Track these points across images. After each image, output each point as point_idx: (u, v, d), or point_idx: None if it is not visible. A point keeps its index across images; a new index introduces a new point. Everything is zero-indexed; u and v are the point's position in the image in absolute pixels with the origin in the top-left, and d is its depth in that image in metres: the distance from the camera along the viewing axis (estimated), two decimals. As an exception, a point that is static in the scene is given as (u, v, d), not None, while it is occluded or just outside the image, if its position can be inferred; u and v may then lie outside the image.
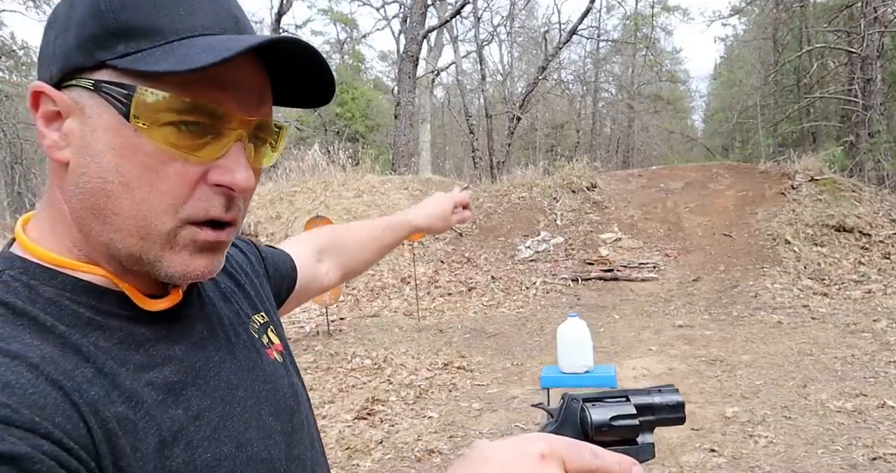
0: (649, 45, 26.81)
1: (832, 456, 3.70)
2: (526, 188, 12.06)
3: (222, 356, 0.64)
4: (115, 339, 0.55)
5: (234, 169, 0.55)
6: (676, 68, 32.14)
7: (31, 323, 0.51)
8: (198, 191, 0.54)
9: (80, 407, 0.48)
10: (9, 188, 22.42)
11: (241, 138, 0.55)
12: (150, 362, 0.56)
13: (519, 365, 6.03)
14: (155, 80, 0.51)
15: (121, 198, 0.53)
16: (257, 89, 0.57)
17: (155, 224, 0.54)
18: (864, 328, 6.55)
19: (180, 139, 0.52)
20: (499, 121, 23.59)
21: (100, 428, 0.48)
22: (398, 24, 25.19)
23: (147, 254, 0.55)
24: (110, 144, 0.52)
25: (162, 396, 0.55)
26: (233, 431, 0.59)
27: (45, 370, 0.48)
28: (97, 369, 0.51)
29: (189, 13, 0.53)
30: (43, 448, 0.43)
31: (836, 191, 10.23)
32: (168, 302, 0.60)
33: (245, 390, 0.64)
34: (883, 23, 14.84)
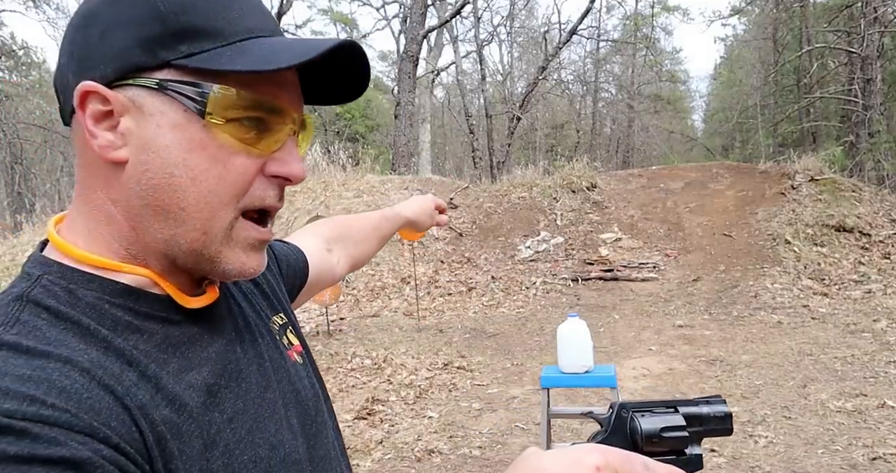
0: (649, 45, 26.80)
1: (832, 456, 3.70)
2: (526, 188, 12.06)
3: (250, 358, 0.64)
4: (153, 342, 0.55)
5: (290, 161, 0.59)
6: (676, 68, 32.15)
7: (75, 327, 0.52)
8: (257, 181, 0.57)
9: (131, 411, 0.49)
10: (9, 188, 22.42)
11: (294, 132, 0.59)
12: (188, 364, 0.57)
13: (519, 365, 6.03)
14: (224, 79, 0.54)
15: (188, 192, 0.54)
16: (296, 86, 0.60)
17: (218, 215, 0.56)
18: (864, 328, 6.55)
19: (244, 133, 0.55)
20: (499, 121, 23.58)
21: (151, 432, 0.49)
22: (398, 24, 25.20)
23: (207, 249, 0.57)
24: (177, 140, 0.54)
25: (203, 398, 0.56)
26: (266, 433, 0.60)
27: (96, 374, 0.48)
28: (140, 373, 0.52)
29: (241, 16, 0.56)
30: (103, 452, 0.44)
31: (836, 191, 10.23)
32: (206, 299, 0.62)
33: (273, 392, 0.64)
34: (883, 23, 14.84)
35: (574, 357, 3.21)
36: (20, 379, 0.45)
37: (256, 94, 0.55)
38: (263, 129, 0.56)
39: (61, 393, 0.45)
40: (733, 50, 30.54)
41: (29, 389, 0.44)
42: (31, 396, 0.44)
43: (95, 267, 0.56)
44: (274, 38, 0.58)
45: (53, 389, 0.45)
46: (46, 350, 0.48)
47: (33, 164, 23.42)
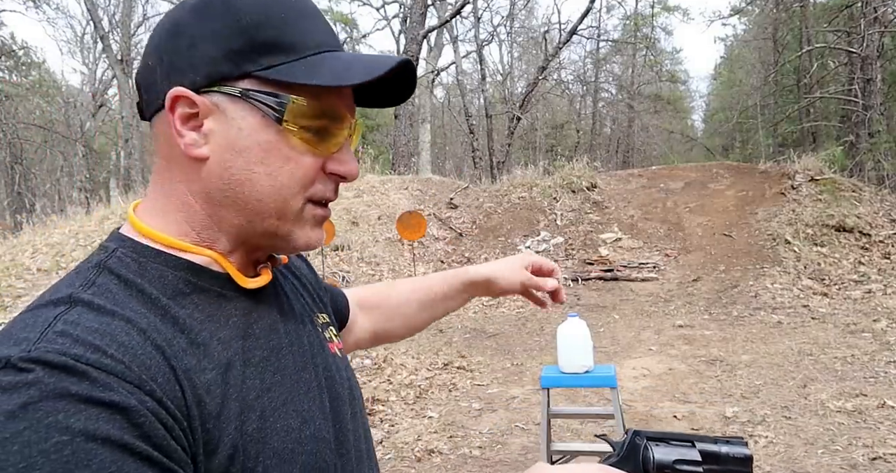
0: (649, 45, 26.81)
1: (832, 456, 3.70)
2: (526, 188, 12.06)
3: (291, 339, 0.70)
4: (207, 312, 0.62)
5: (347, 161, 0.68)
6: (676, 68, 32.14)
7: (140, 294, 0.59)
8: (319, 177, 0.66)
9: (177, 372, 0.55)
10: (9, 188, 22.42)
11: (350, 135, 0.68)
12: (234, 335, 0.63)
13: (519, 365, 6.03)
14: (298, 90, 0.62)
15: (265, 186, 0.63)
16: (352, 94, 0.69)
17: (290, 204, 0.65)
18: (864, 328, 6.55)
19: (310, 137, 0.64)
20: (499, 121, 23.59)
21: (192, 393, 0.55)
22: (398, 24, 25.20)
23: (281, 230, 0.66)
24: (256, 142, 0.62)
25: (243, 367, 0.62)
26: (299, 407, 0.65)
27: (152, 336, 0.55)
28: (191, 340, 0.59)
29: (313, 31, 0.64)
30: (147, 404, 0.50)
31: (836, 191, 10.23)
32: (262, 280, 0.69)
33: (309, 373, 0.69)
34: (883, 23, 14.83)
35: (574, 357, 3.21)
36: (89, 330, 0.52)
37: (323, 104, 0.64)
38: (326, 133, 0.65)
39: (120, 347, 0.52)
40: (733, 50, 30.54)
41: (95, 339, 0.51)
42: (95, 345, 0.51)
43: (165, 246, 0.64)
44: (339, 52, 0.65)
45: (114, 343, 0.52)
46: (113, 309, 0.55)
47: (33, 164, 23.42)
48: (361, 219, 10.85)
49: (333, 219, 8.98)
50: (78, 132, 24.86)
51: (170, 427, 0.52)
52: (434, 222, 10.93)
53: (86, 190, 22.27)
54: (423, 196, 11.94)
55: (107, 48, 20.27)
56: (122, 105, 20.77)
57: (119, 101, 21.61)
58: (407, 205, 11.11)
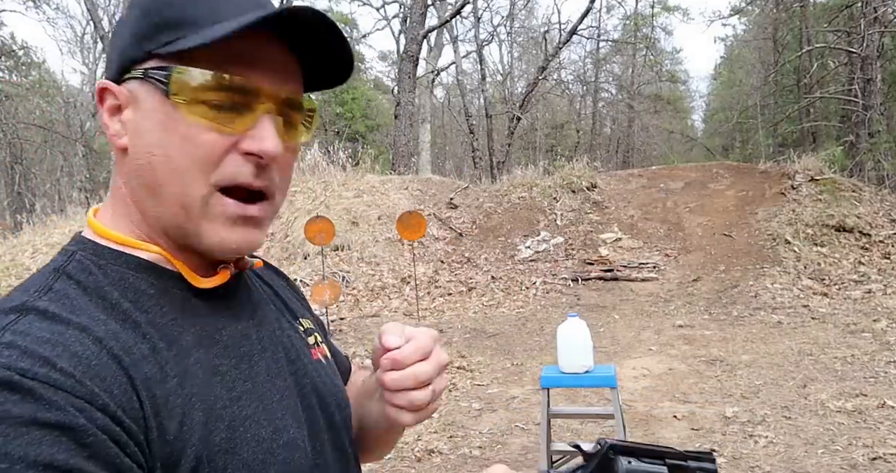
0: (649, 45, 26.81)
1: (832, 456, 3.70)
2: (526, 188, 12.06)
3: (265, 345, 0.66)
4: (170, 316, 0.59)
5: (263, 137, 0.59)
6: (676, 68, 32.13)
7: (100, 299, 0.57)
8: (229, 157, 0.59)
9: (135, 382, 0.52)
10: (9, 188, 22.42)
11: (271, 111, 0.60)
12: (199, 341, 0.60)
13: (519, 365, 6.03)
14: (191, 61, 0.57)
15: (163, 169, 0.58)
16: (282, 66, 0.61)
17: (191, 191, 0.58)
18: (864, 328, 6.55)
19: (212, 114, 0.58)
20: (499, 121, 23.59)
21: (150, 405, 0.52)
22: (398, 24, 25.20)
23: (188, 224, 0.60)
24: (155, 122, 0.58)
25: (208, 376, 0.59)
26: (271, 416, 0.62)
27: (109, 344, 0.53)
28: (152, 346, 0.56)
29: (224, 3, 0.59)
30: (98, 421, 0.48)
31: (836, 191, 10.23)
32: (217, 280, 0.64)
33: (284, 380, 0.66)
34: (883, 23, 14.83)
35: (574, 357, 3.21)
36: (39, 340, 0.49)
37: (225, 74, 0.57)
38: (237, 109, 0.58)
39: (72, 358, 0.49)
40: (733, 50, 30.53)
41: (45, 350, 0.48)
42: (45, 357, 0.48)
43: (120, 245, 0.62)
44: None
45: (66, 353, 0.49)
46: (69, 317, 0.53)
47: (33, 164, 23.42)
48: (361, 219, 10.85)
49: (333, 218, 8.98)
50: (78, 132, 24.86)
51: (123, 444, 0.49)
52: (434, 222, 10.93)
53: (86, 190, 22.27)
54: (423, 196, 11.94)
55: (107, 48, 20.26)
56: (122, 105, 20.72)
57: (119, 101, 21.55)
58: (407, 205, 11.11)
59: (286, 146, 0.62)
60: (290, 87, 0.62)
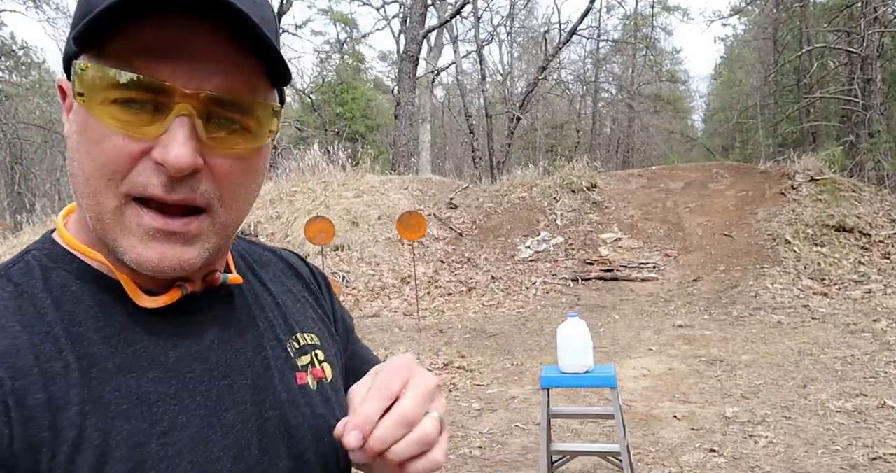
0: (649, 45, 26.81)
1: (832, 456, 3.70)
2: (526, 188, 12.06)
3: (224, 370, 0.58)
4: (104, 333, 0.53)
5: (168, 145, 0.50)
6: (676, 68, 32.14)
7: (31, 306, 0.52)
8: (139, 166, 0.51)
9: (10, 412, 0.46)
10: (9, 188, 22.42)
11: (187, 113, 0.50)
12: (131, 365, 0.53)
13: (519, 365, 6.03)
14: (99, 55, 0.50)
15: (78, 175, 0.53)
16: (212, 58, 0.51)
17: (101, 200, 0.52)
18: (864, 328, 6.55)
19: (122, 115, 0.50)
20: (499, 121, 23.59)
21: (24, 440, 0.46)
22: (398, 24, 25.21)
23: (106, 237, 0.53)
24: (76, 124, 0.53)
25: (127, 405, 0.51)
26: (201, 457, 0.53)
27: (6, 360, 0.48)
28: (65, 366, 0.50)
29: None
30: None
31: (836, 191, 10.23)
32: (164, 299, 0.56)
33: (239, 414, 0.58)
34: (883, 23, 14.83)
35: (574, 357, 3.21)
36: None
37: (130, 70, 0.49)
38: (150, 110, 0.50)
39: None
40: (733, 50, 30.54)
41: None
42: None
43: (73, 249, 0.57)
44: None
45: None
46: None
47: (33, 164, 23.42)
48: (361, 219, 10.85)
49: (333, 218, 8.99)
50: (78, 132, 24.86)
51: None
52: (434, 222, 10.93)
53: (86, 190, 22.24)
54: (423, 196, 11.94)
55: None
56: (122, 105, 20.73)
57: (119, 101, 21.57)
58: (407, 205, 11.11)
59: (224, 152, 0.53)
60: (219, 82, 0.51)
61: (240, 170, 0.55)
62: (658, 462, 3.76)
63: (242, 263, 0.70)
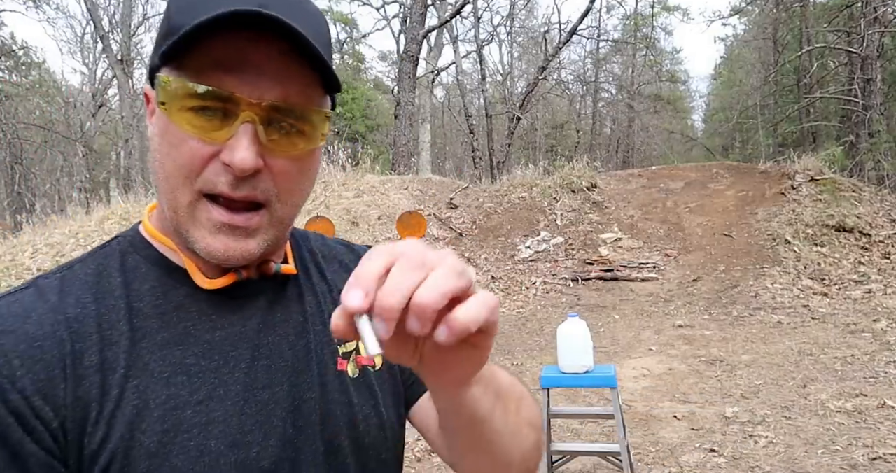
0: (649, 45, 26.81)
1: (832, 456, 3.70)
2: (526, 188, 12.06)
3: (265, 352, 0.64)
4: (160, 309, 0.61)
5: (234, 148, 0.57)
6: (676, 68, 32.14)
7: (106, 283, 0.61)
8: (210, 166, 0.58)
9: (67, 370, 0.55)
10: (9, 188, 22.41)
11: (251, 120, 0.57)
12: (179, 339, 0.60)
13: (519, 365, 6.03)
14: (178, 69, 0.57)
15: (158, 173, 0.60)
16: (273, 70, 0.57)
17: (178, 194, 0.59)
18: (864, 328, 6.55)
19: (196, 121, 0.57)
20: (499, 121, 23.59)
21: (74, 393, 0.54)
22: (398, 24, 25.20)
23: (180, 227, 0.61)
24: (158, 128, 0.60)
25: (169, 373, 0.58)
26: (233, 428, 0.59)
27: (66, 327, 0.57)
28: (121, 334, 0.58)
29: (216, 4, 0.55)
30: (11, 402, 0.52)
31: (836, 191, 10.23)
32: (223, 281, 0.64)
33: (274, 393, 0.62)
34: (883, 23, 14.83)
35: (574, 357, 3.21)
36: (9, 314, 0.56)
37: (202, 82, 0.56)
38: (221, 117, 0.57)
39: (19, 337, 0.54)
40: (733, 50, 30.53)
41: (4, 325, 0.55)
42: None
43: (152, 236, 0.66)
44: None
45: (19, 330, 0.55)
46: (53, 297, 0.58)
47: (33, 164, 23.42)
48: (361, 218, 10.85)
49: (333, 219, 8.99)
50: (78, 132, 24.86)
51: (30, 428, 0.52)
52: (434, 222, 10.93)
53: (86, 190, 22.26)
54: (423, 196, 11.93)
55: (107, 48, 20.27)
56: (122, 105, 20.77)
57: (119, 101, 21.62)
58: (407, 205, 11.11)
59: (282, 154, 0.59)
60: (279, 92, 0.57)
61: (295, 170, 0.62)
62: (658, 462, 3.77)
63: (309, 256, 0.76)
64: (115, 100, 24.34)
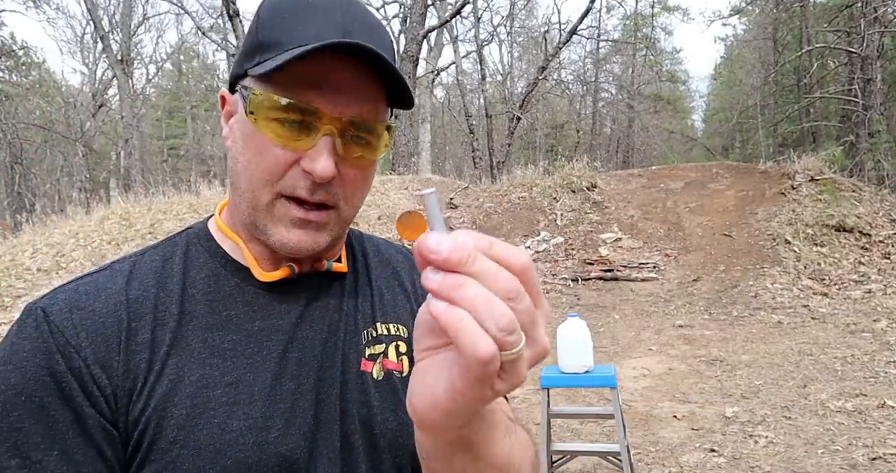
0: (649, 45, 26.81)
1: (832, 456, 3.70)
2: (526, 188, 12.06)
3: (299, 345, 0.68)
4: (210, 297, 0.67)
5: (316, 158, 0.63)
6: (676, 68, 32.15)
7: (169, 269, 0.68)
8: (291, 171, 0.64)
9: (125, 343, 0.61)
10: (9, 188, 22.41)
11: (331, 133, 0.63)
12: (221, 325, 0.66)
13: (519, 365, 6.03)
14: (267, 82, 0.63)
15: (242, 174, 0.67)
16: (351, 88, 0.64)
17: (259, 195, 0.66)
18: (864, 328, 6.55)
19: (281, 131, 0.63)
20: (499, 121, 23.59)
21: (127, 365, 0.61)
22: (398, 24, 25.18)
23: (258, 222, 0.67)
24: (242, 133, 0.66)
25: (206, 354, 0.64)
26: (257, 412, 0.63)
27: (128, 307, 0.63)
28: (171, 315, 0.65)
29: (303, 27, 0.63)
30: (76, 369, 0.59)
31: (836, 191, 10.23)
32: (277, 275, 0.70)
33: (299, 385, 0.66)
34: (883, 23, 14.83)
35: (574, 357, 3.21)
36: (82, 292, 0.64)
37: (289, 97, 0.63)
38: (302, 128, 0.63)
39: (88, 313, 0.62)
40: (733, 50, 30.54)
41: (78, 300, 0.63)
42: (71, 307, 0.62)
43: (218, 230, 0.73)
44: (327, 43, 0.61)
45: (87, 307, 0.62)
46: (121, 280, 0.66)
47: (33, 164, 23.42)
48: (361, 218, 10.85)
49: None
50: (78, 132, 24.85)
51: (89, 393, 0.59)
52: (434, 222, 10.91)
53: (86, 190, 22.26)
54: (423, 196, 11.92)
55: (107, 48, 20.27)
56: (122, 105, 20.77)
57: (119, 101, 21.61)
58: (407, 205, 11.11)
59: (352, 163, 0.66)
60: (356, 109, 0.64)
61: (361, 177, 0.69)
62: (658, 462, 3.76)
63: (362, 259, 0.82)
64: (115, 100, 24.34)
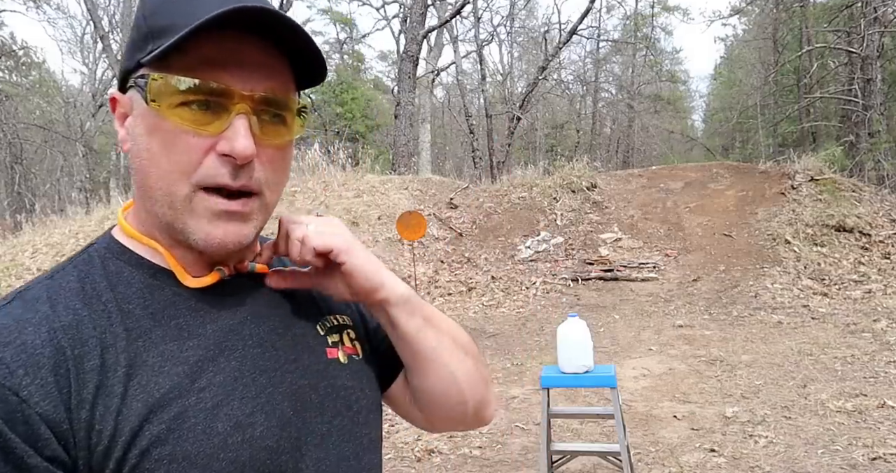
0: (649, 45, 26.80)
1: (832, 456, 3.70)
2: (526, 188, 12.06)
3: (258, 341, 0.67)
4: (150, 309, 0.63)
5: (233, 138, 0.60)
6: (676, 68, 32.12)
7: (91, 289, 0.62)
8: (207, 159, 0.61)
9: (70, 374, 0.56)
10: (9, 188, 22.40)
11: (245, 111, 0.61)
12: (173, 334, 0.63)
13: (519, 365, 6.03)
14: (168, 67, 0.59)
15: (151, 171, 0.62)
16: (259, 65, 0.62)
17: (175, 190, 0.61)
18: (864, 328, 6.55)
19: (190, 116, 0.60)
20: (499, 121, 23.58)
21: (80, 394, 0.56)
22: (398, 24, 25.19)
23: (177, 222, 0.63)
24: (144, 127, 0.62)
25: (169, 366, 0.60)
26: (236, 411, 0.62)
27: (63, 335, 0.57)
28: (116, 335, 0.60)
29: (196, 6, 0.59)
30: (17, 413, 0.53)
31: (836, 191, 10.23)
32: (207, 280, 0.67)
33: (270, 378, 0.66)
34: (883, 23, 14.83)
35: (574, 357, 3.21)
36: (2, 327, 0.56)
37: (194, 78, 0.59)
38: (213, 111, 0.60)
39: (17, 348, 0.55)
40: (733, 50, 30.52)
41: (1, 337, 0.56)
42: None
43: (130, 238, 0.67)
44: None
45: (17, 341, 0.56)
46: (42, 307, 0.59)
47: (33, 164, 23.42)
48: (361, 219, 10.84)
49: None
50: (78, 132, 24.85)
51: (36, 437, 0.53)
52: (434, 222, 10.93)
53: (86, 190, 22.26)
54: (423, 196, 11.93)
55: (107, 48, 20.27)
56: (122, 105, 20.70)
57: (119, 101, 21.53)
58: (407, 205, 11.11)
59: (269, 143, 0.64)
60: (266, 86, 0.62)
61: (280, 158, 0.66)
62: (658, 462, 3.76)
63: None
64: (115, 100, 24.24)
